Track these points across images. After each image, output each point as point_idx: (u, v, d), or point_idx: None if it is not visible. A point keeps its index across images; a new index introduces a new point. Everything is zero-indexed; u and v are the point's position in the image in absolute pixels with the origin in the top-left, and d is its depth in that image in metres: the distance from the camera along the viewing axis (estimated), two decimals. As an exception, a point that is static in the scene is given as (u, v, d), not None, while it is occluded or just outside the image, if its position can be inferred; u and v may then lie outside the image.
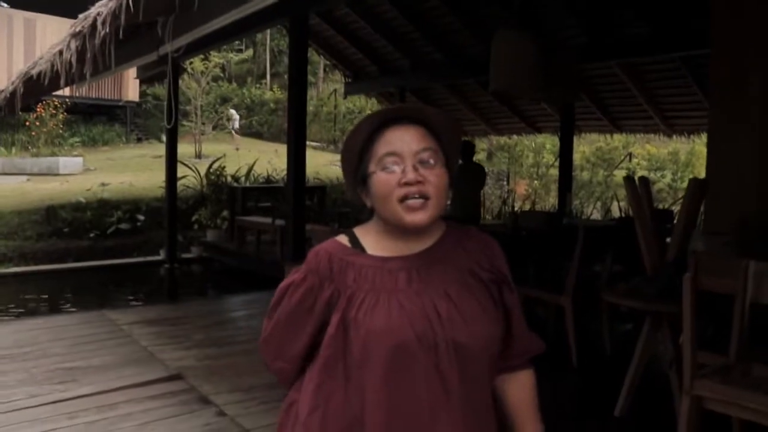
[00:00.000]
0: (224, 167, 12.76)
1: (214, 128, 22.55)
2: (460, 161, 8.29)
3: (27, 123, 17.94)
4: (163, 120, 9.38)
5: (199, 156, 18.01)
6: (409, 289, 1.39)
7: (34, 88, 6.32)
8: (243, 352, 5.13)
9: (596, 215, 13.36)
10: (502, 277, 1.48)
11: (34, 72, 5.60)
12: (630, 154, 15.41)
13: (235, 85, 26.78)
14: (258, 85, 27.65)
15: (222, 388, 4.22)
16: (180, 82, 16.63)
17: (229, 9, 3.26)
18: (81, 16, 4.15)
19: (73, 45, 4.10)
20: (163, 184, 9.29)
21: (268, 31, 27.36)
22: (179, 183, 10.10)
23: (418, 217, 1.37)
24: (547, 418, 1.60)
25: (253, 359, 4.58)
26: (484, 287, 1.44)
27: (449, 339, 1.35)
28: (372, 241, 1.47)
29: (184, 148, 15.63)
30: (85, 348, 5.11)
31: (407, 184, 1.36)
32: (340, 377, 1.40)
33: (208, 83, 21.21)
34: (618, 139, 16.96)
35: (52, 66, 4.92)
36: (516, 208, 12.79)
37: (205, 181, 12.43)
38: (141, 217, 12.59)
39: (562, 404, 4.09)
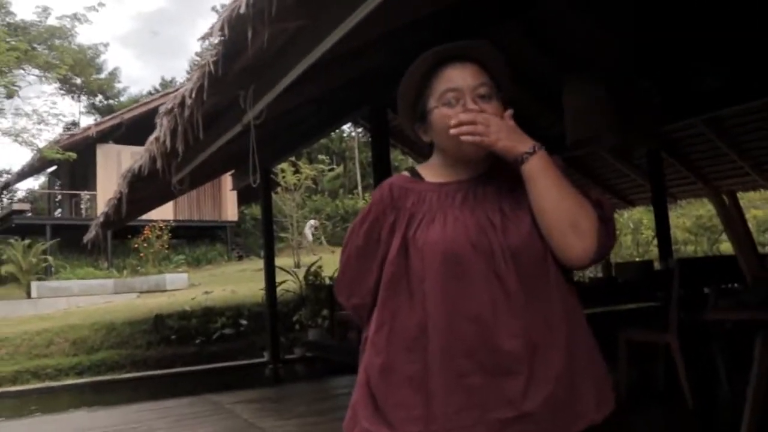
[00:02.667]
0: (321, 267, 13.02)
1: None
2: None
3: (136, 246, 19.06)
4: (261, 237, 9.76)
5: (298, 266, 18.44)
6: (464, 206, 1.44)
7: (136, 204, 6.72)
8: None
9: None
10: None
11: (135, 167, 6.02)
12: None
13: (327, 198, 27.73)
14: (350, 196, 28.50)
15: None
16: (275, 195, 17.54)
17: (301, 57, 3.47)
18: (171, 95, 4.50)
19: (165, 122, 4.43)
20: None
21: (356, 145, 28.51)
22: (280, 288, 10.37)
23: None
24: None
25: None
26: None
27: (504, 245, 1.37)
28: (431, 172, 1.55)
29: (283, 261, 16.13)
30: (188, 423, 5.22)
31: None
32: (404, 294, 1.43)
33: (301, 196, 22.02)
34: (719, 207, 16.21)
35: (150, 154, 5.29)
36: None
37: (303, 284, 12.70)
38: (244, 322, 12.90)
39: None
